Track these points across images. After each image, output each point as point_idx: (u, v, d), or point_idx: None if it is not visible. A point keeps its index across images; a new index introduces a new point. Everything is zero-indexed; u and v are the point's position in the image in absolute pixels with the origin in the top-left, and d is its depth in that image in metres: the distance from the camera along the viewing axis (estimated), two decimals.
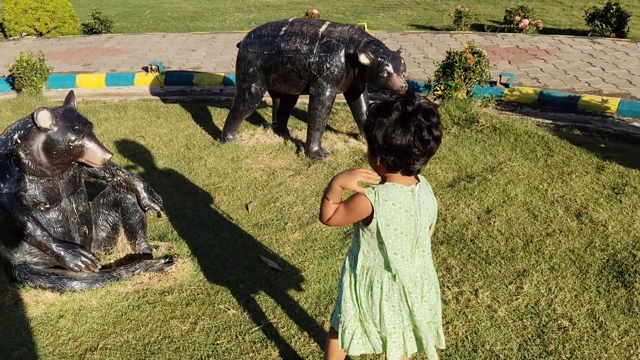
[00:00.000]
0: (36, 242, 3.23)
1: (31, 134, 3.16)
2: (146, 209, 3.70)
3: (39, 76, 7.23)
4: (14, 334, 3.11)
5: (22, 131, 3.19)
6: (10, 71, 7.33)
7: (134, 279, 3.46)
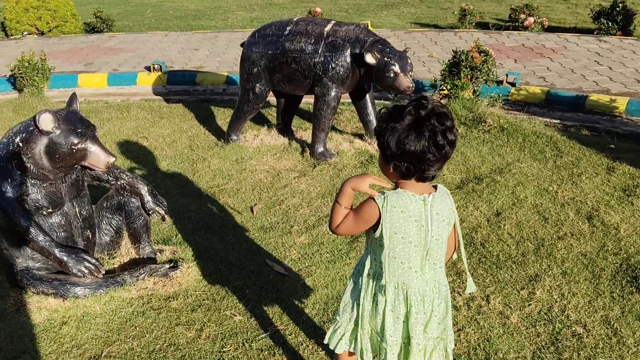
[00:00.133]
0: (39, 248, 3.17)
1: (33, 137, 3.09)
2: (150, 213, 3.64)
3: (41, 76, 7.16)
4: (17, 341, 3.05)
5: (24, 134, 3.12)
6: (11, 71, 7.26)
7: (138, 284, 3.40)
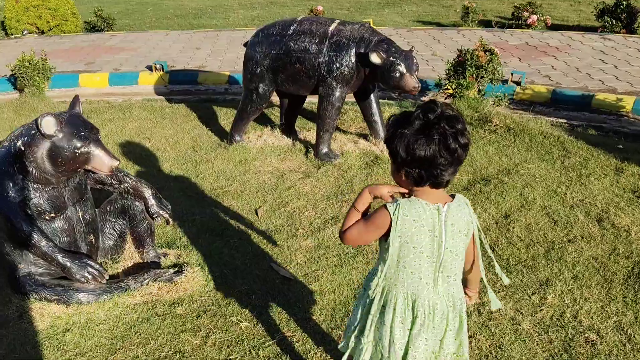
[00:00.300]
0: (41, 253, 3.11)
1: (35, 141, 3.03)
2: (154, 217, 3.58)
3: (42, 76, 7.10)
4: (19, 349, 2.99)
5: (26, 138, 3.06)
6: (12, 71, 7.20)
7: (143, 290, 3.34)
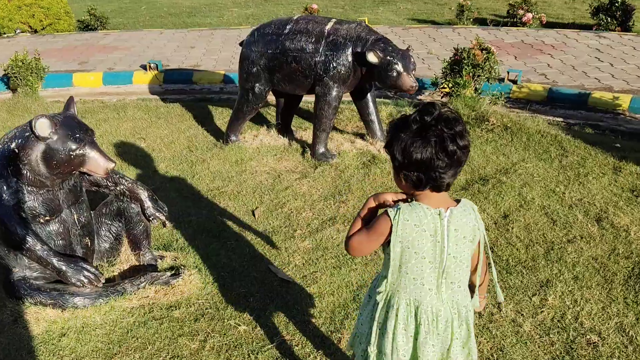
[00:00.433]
0: (36, 257, 3.07)
1: (29, 143, 2.99)
2: (151, 219, 3.54)
3: (35, 75, 7.04)
4: (14, 354, 2.94)
5: (20, 140, 3.02)
6: (4, 70, 7.13)
7: (139, 293, 3.30)
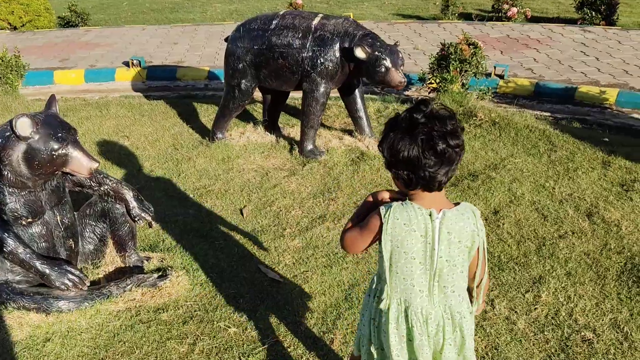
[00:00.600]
0: (19, 260, 2.97)
1: (10, 144, 2.89)
2: (136, 219, 3.45)
3: (15, 73, 6.89)
4: None
5: (0, 140, 2.92)
6: None
7: (126, 296, 3.21)
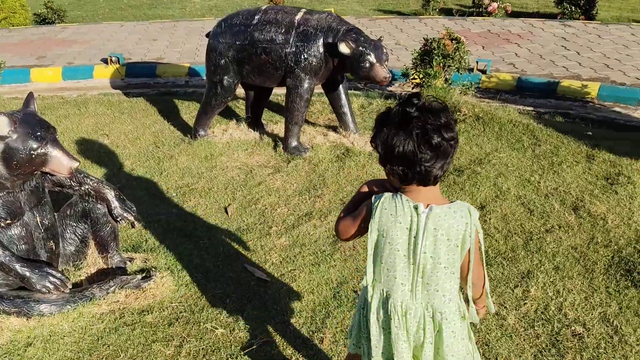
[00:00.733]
0: None
1: None
2: (118, 219, 3.37)
3: None
4: None
5: None
6: None
7: (109, 298, 3.14)
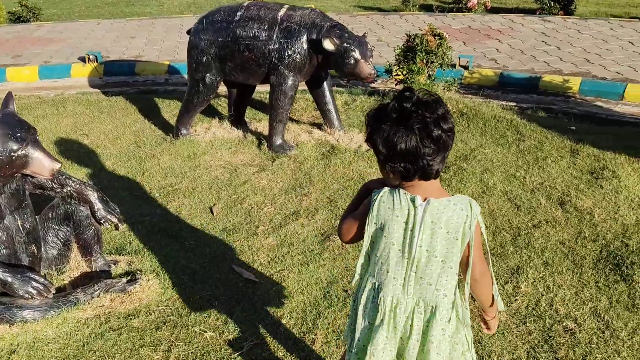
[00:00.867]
0: None
1: None
2: (102, 222, 3.29)
3: None
4: None
5: None
6: None
7: (94, 303, 3.06)
